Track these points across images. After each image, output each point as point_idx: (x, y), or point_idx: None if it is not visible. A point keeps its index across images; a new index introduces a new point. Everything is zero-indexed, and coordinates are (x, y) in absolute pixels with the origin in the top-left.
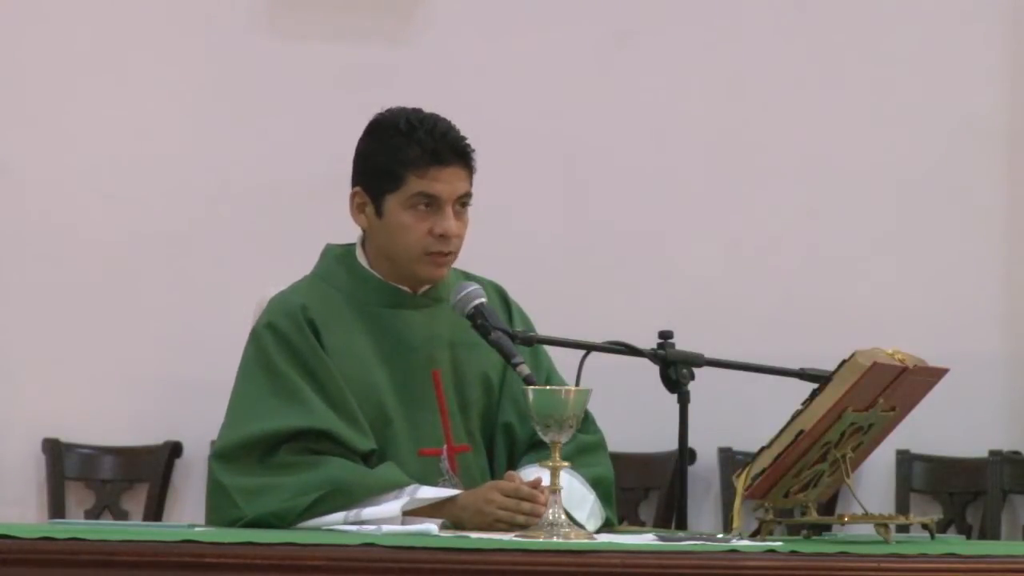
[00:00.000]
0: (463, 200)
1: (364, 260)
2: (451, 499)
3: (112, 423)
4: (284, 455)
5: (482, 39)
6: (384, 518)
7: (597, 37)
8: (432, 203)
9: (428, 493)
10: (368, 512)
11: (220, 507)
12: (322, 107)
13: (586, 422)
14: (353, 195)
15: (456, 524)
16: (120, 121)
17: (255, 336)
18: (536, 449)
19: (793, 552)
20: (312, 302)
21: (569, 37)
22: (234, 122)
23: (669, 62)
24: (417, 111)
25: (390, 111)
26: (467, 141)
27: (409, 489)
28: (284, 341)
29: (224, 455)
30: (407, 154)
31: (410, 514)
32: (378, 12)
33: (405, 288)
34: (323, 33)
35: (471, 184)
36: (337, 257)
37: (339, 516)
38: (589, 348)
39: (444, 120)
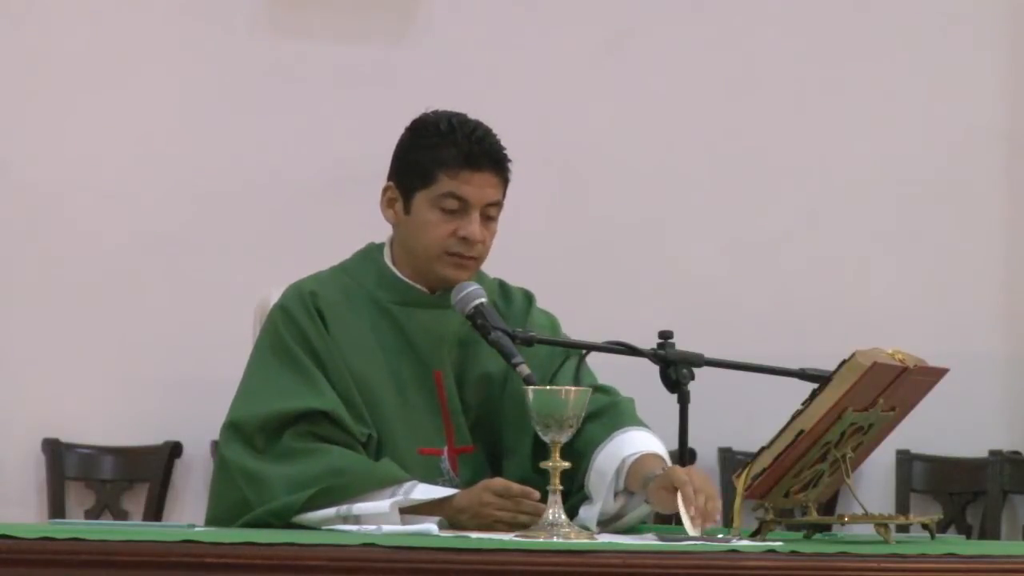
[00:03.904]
0: (491, 208)
1: (389, 257)
2: (447, 500)
3: (112, 423)
4: (288, 440)
5: (482, 38)
6: (376, 514)
7: (597, 37)
8: (460, 205)
9: (423, 492)
10: (359, 507)
11: (225, 480)
12: (322, 107)
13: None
14: (385, 189)
15: (453, 525)
16: (120, 121)
17: (269, 317)
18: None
19: (793, 552)
20: (324, 291)
21: (569, 36)
22: (234, 122)
23: (670, 62)
24: (461, 115)
25: (435, 112)
26: (504, 151)
27: (406, 487)
28: (294, 323)
29: (236, 427)
30: (442, 154)
31: (407, 512)
32: (378, 12)
33: (421, 287)
34: (323, 33)
35: (503, 194)
36: (366, 252)
37: (331, 511)
38: (589, 348)
39: (485, 127)
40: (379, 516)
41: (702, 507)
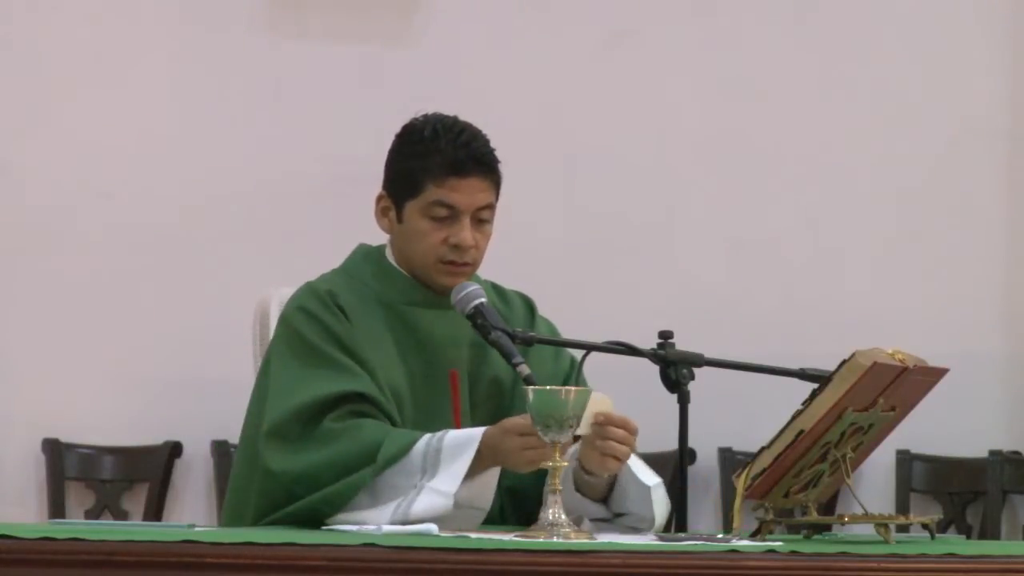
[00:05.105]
0: (483, 211)
1: (392, 259)
2: (485, 457)
3: (112, 423)
4: (328, 423)
5: (482, 38)
6: (435, 509)
7: (598, 36)
8: (449, 213)
9: (453, 439)
10: (416, 511)
11: (270, 492)
12: (322, 107)
13: None
14: (379, 198)
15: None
16: (119, 121)
17: (285, 321)
18: None
19: (793, 552)
20: (339, 290)
21: (570, 36)
22: (234, 122)
23: (670, 61)
24: (447, 119)
25: (424, 117)
26: (492, 152)
27: (438, 435)
28: (316, 320)
29: (273, 433)
30: (428, 162)
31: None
32: (378, 12)
33: (429, 289)
34: (323, 33)
35: (495, 195)
36: (365, 254)
37: (388, 511)
38: (589, 348)
39: (471, 130)
40: (441, 509)
41: (613, 434)
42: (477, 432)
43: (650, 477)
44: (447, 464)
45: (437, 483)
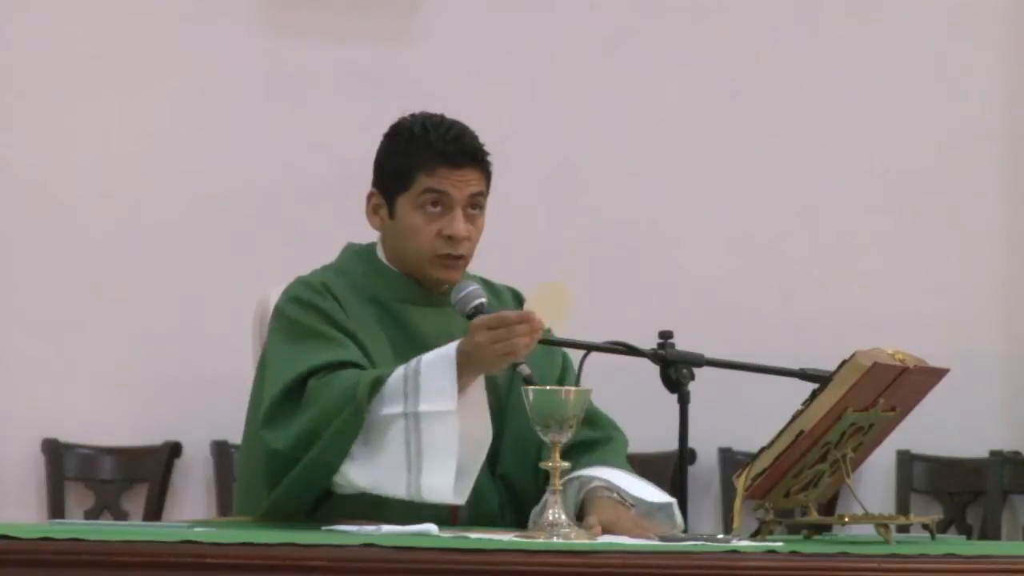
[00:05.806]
0: (475, 201)
1: (383, 257)
2: (462, 367)
3: (112, 423)
4: (311, 384)
5: (482, 39)
6: (443, 435)
7: (597, 36)
8: (441, 203)
9: (429, 362)
10: (428, 447)
11: (277, 470)
12: (321, 107)
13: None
14: (369, 196)
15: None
16: (119, 121)
17: (279, 312)
18: (580, 453)
19: (793, 552)
20: (332, 283)
21: (570, 36)
22: (234, 122)
23: (671, 61)
24: (435, 116)
25: (412, 115)
26: (482, 146)
27: (412, 364)
28: (310, 306)
29: (268, 418)
30: (419, 156)
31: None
32: (378, 12)
33: (421, 286)
34: (323, 33)
35: (486, 186)
36: (356, 252)
37: (399, 463)
38: (589, 348)
39: (460, 125)
40: (441, 434)
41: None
42: (451, 345)
43: (663, 496)
44: (428, 382)
45: (428, 404)
